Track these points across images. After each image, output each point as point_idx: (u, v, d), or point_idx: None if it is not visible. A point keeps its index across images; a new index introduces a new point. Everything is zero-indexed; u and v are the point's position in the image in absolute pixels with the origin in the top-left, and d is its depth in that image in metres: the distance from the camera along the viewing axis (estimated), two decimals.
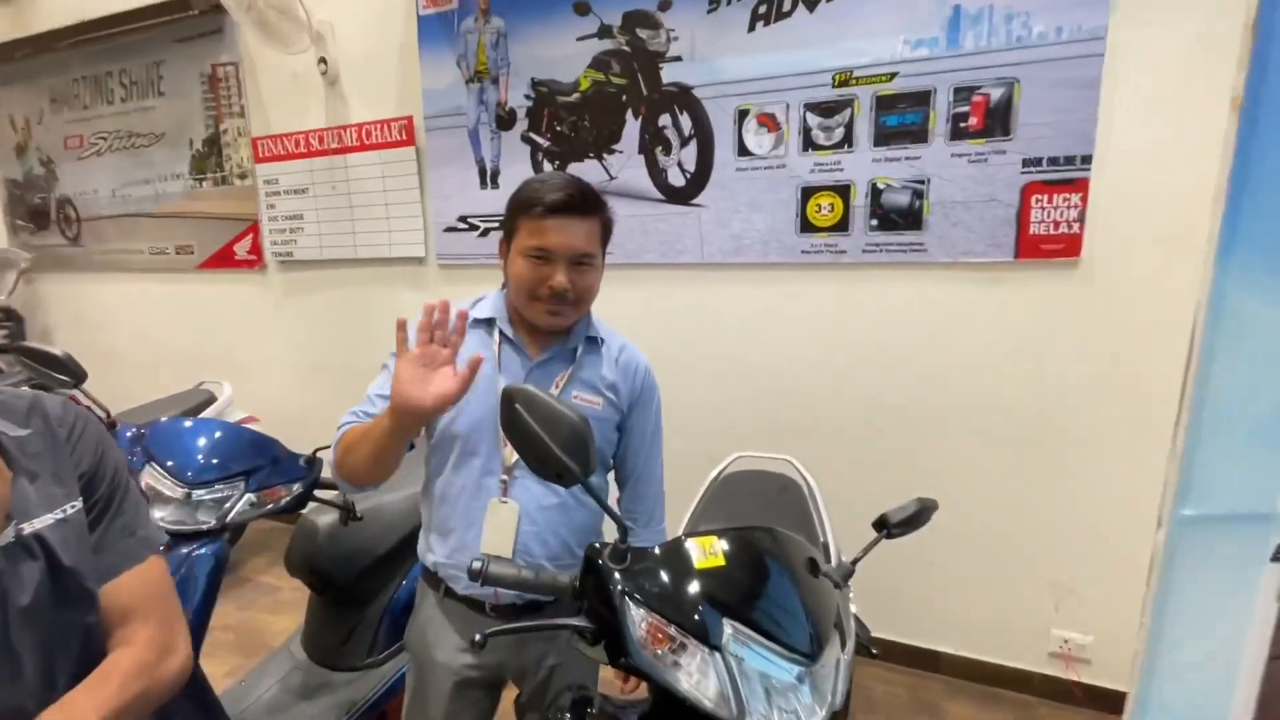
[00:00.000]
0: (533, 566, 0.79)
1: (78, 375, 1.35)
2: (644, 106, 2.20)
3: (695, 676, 0.69)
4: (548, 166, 2.38)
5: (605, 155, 2.29)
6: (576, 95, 2.29)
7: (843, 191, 2.00)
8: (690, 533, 0.77)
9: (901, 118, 1.91)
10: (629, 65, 2.20)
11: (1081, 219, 1.78)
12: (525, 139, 2.40)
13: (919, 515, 0.98)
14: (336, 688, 1.71)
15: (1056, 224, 1.80)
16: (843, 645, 0.79)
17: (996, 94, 1.80)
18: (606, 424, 1.14)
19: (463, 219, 2.56)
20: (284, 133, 2.87)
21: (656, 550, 0.76)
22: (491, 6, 2.36)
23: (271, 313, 3.15)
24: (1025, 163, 1.80)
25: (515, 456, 1.04)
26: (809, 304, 2.12)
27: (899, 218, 1.95)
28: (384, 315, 2.54)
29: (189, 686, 1.25)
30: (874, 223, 1.98)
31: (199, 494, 1.28)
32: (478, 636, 0.71)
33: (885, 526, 0.98)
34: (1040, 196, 1.80)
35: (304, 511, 1.79)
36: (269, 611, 2.57)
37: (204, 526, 1.29)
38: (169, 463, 1.30)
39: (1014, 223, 1.84)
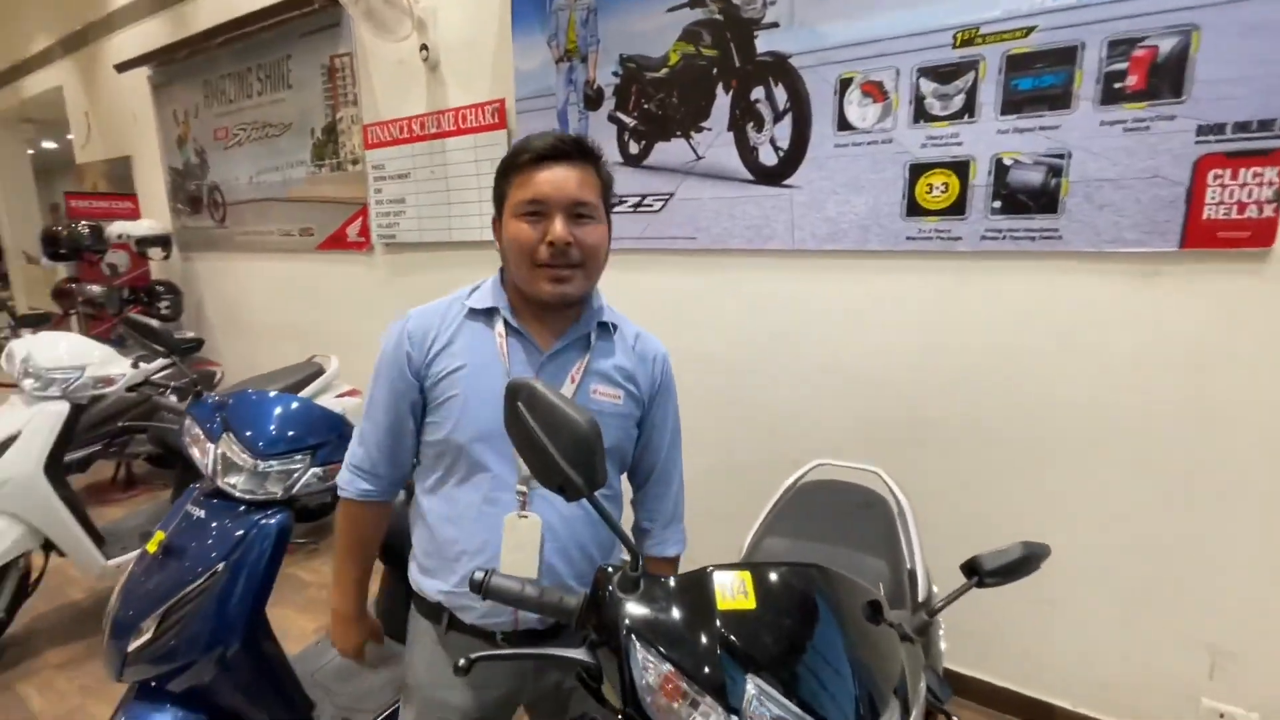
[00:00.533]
0: (537, 585, 0.70)
1: (172, 346, 1.45)
2: (735, 79, 2.04)
3: None
4: (634, 146, 2.29)
5: (693, 134, 2.16)
6: (665, 70, 2.17)
7: (960, 169, 1.74)
8: (719, 564, 0.65)
9: (1038, 80, 1.62)
10: (721, 35, 2.04)
11: (1277, 199, 1.42)
12: (612, 118, 2.32)
13: (1022, 564, 0.79)
14: (402, 661, 1.76)
15: (1241, 206, 1.45)
16: (905, 716, 0.64)
17: (1166, 46, 1.47)
18: (628, 420, 1.03)
19: None
20: (390, 119, 2.99)
21: (673, 582, 0.65)
22: None
23: (376, 292, 3.32)
24: (1201, 130, 1.46)
25: None
26: (913, 297, 1.88)
27: (1029, 199, 1.67)
28: None
29: (255, 643, 1.32)
30: (996, 205, 1.71)
31: (267, 465, 1.33)
32: (462, 661, 0.64)
33: (977, 573, 0.79)
34: (1220, 172, 1.46)
35: None
36: None
37: (273, 496, 1.34)
38: (246, 433, 1.36)
39: (1182, 205, 1.50)
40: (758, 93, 2.01)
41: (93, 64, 4.80)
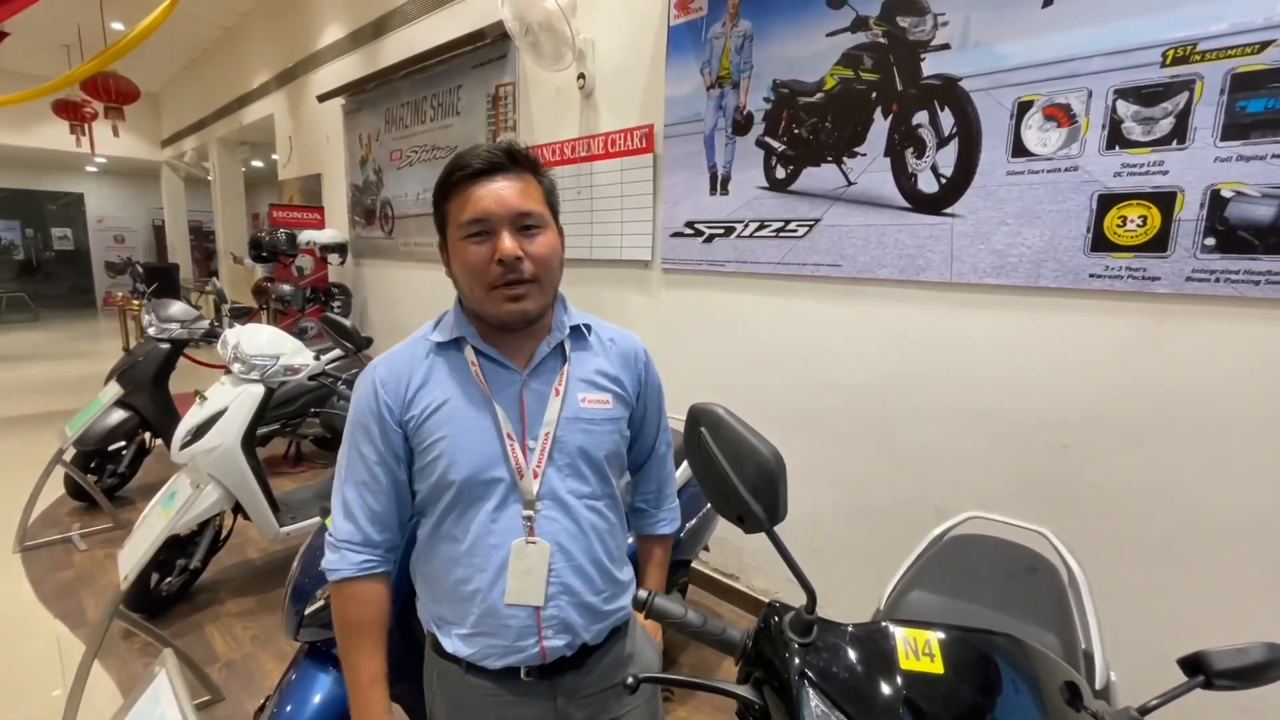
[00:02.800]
0: (700, 613, 0.69)
1: (358, 343, 1.62)
2: (896, 103, 1.96)
3: None
4: (781, 171, 2.27)
5: (845, 159, 2.10)
6: (820, 95, 2.14)
7: (1163, 200, 1.55)
8: (895, 618, 0.61)
9: (1272, 101, 1.41)
10: (883, 59, 1.98)
11: None
12: (759, 143, 2.31)
13: (1264, 669, 0.67)
14: None
15: None
16: None
17: None
18: (620, 422, 0.99)
19: (690, 224, 2.57)
20: (545, 143, 3.19)
21: (852, 628, 0.61)
22: (741, 9, 2.32)
23: None
24: None
25: (537, 483, 0.90)
26: (1095, 341, 1.69)
27: (1254, 237, 1.44)
28: (612, 314, 2.68)
29: (406, 621, 1.41)
30: (1210, 242, 1.49)
31: None
32: (630, 679, 0.65)
33: (1204, 672, 0.68)
34: None
35: None
36: None
37: None
38: None
39: None
40: (920, 117, 1.92)
41: (299, 95, 5.57)
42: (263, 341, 2.56)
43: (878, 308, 2.08)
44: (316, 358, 2.64)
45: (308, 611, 1.37)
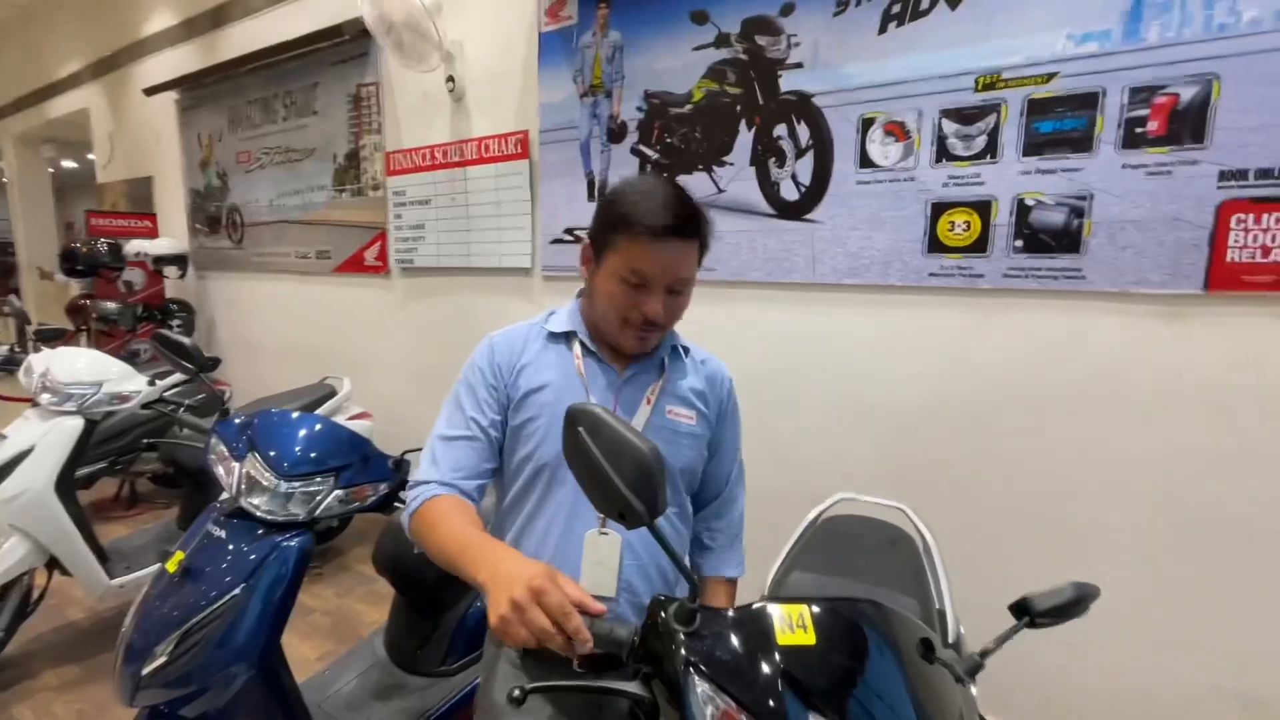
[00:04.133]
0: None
1: (199, 363, 1.45)
2: (758, 116, 2.09)
3: None
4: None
5: (715, 167, 2.19)
6: (689, 106, 2.22)
7: (981, 208, 1.77)
8: (775, 596, 0.64)
9: (1059, 124, 1.65)
10: (745, 74, 2.10)
11: None
12: (635, 151, 2.36)
13: (1074, 604, 0.78)
14: (410, 692, 1.71)
15: (1265, 250, 1.47)
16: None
17: (1188, 94, 1.50)
18: (701, 440, 1.05)
19: (569, 231, 2.56)
20: (413, 147, 3.04)
21: (732, 613, 0.64)
22: (610, 20, 2.36)
23: (391, 316, 3.34)
24: (1224, 175, 1.49)
25: None
26: (935, 333, 1.88)
27: (1051, 239, 1.69)
28: (492, 323, 2.59)
29: (271, 669, 1.28)
30: (1019, 244, 1.73)
31: (292, 486, 1.32)
32: (516, 691, 0.63)
33: (1028, 614, 0.78)
34: (1243, 217, 1.48)
35: (391, 515, 1.83)
36: (364, 601, 2.68)
37: (295, 518, 1.32)
38: (270, 453, 1.35)
39: (1205, 248, 1.52)
40: (780, 130, 2.06)
41: (120, 87, 4.91)
42: (80, 367, 2.22)
43: (750, 309, 2.20)
44: (151, 383, 2.33)
45: (145, 672, 1.20)
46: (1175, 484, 1.62)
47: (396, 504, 1.53)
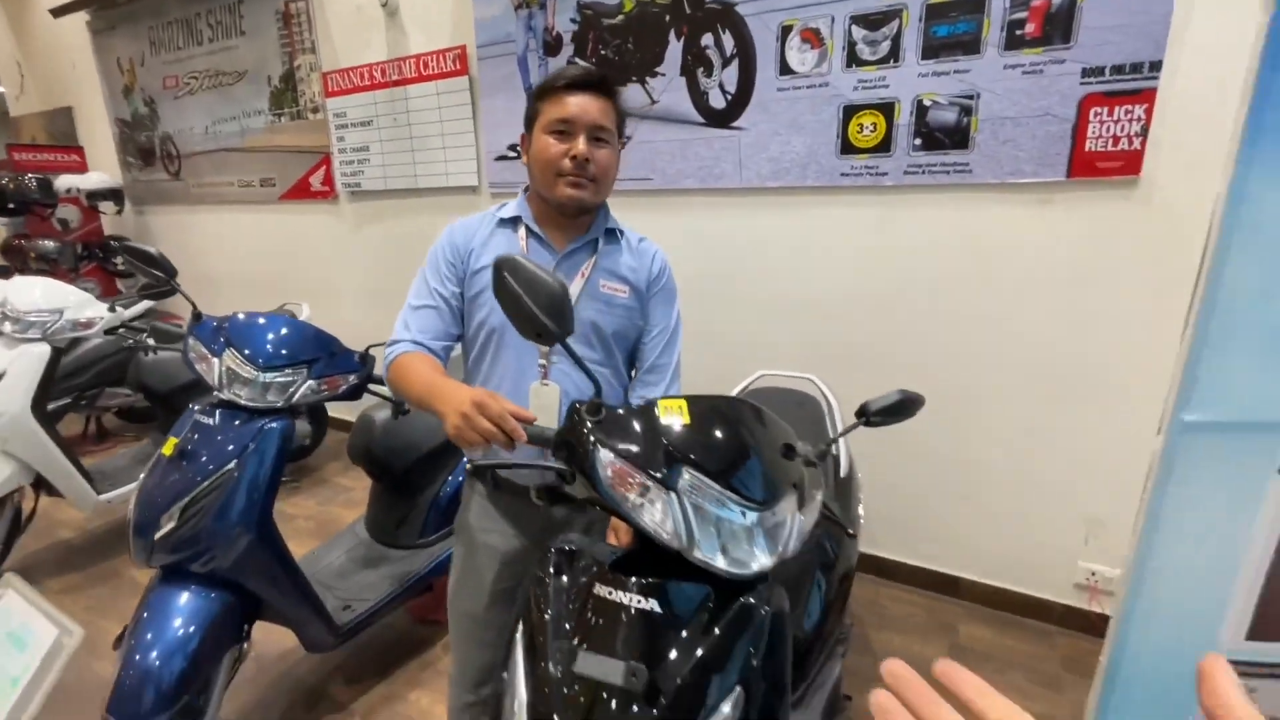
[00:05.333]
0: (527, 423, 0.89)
1: (169, 271, 1.56)
2: (686, 26, 2.18)
3: (656, 515, 0.79)
4: None
5: (648, 79, 2.29)
6: (621, 17, 2.29)
7: (886, 110, 1.94)
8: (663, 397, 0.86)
9: (953, 27, 1.81)
10: None
11: (1144, 133, 1.66)
12: (571, 64, 2.43)
13: (901, 406, 1.02)
14: (392, 562, 1.95)
15: (1116, 139, 1.69)
16: (800, 506, 0.86)
17: None
18: (632, 310, 1.20)
19: (513, 147, 2.64)
20: (350, 67, 3.02)
21: (630, 408, 0.85)
22: None
23: (344, 241, 3.39)
24: (1085, 72, 1.69)
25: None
26: (847, 229, 2.09)
27: (945, 136, 1.88)
28: None
29: (268, 534, 1.48)
30: (918, 143, 1.92)
31: (269, 377, 1.48)
32: (467, 463, 0.84)
33: (865, 415, 1.02)
34: (1100, 110, 1.69)
35: (364, 409, 2.00)
36: (343, 507, 2.89)
37: (275, 405, 1.49)
38: (245, 350, 1.49)
39: (1069, 139, 1.74)
40: (707, 39, 2.16)
41: (22, 10, 4.57)
42: (38, 295, 2.27)
43: (686, 216, 2.36)
44: (111, 309, 2.40)
45: (157, 537, 1.38)
46: (1042, 349, 1.90)
47: (367, 392, 1.70)
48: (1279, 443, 1.04)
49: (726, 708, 0.74)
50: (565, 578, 0.85)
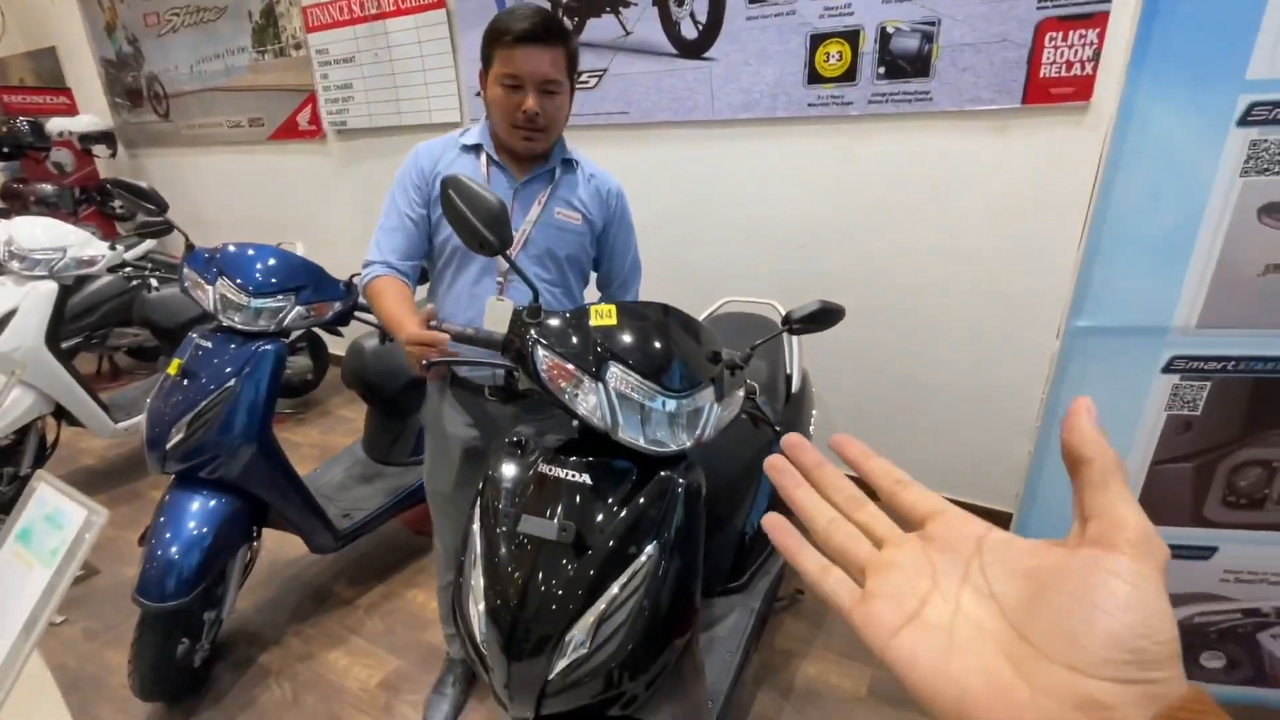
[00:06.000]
0: (478, 329, 1.02)
1: (160, 205, 1.66)
2: None
3: (587, 402, 0.91)
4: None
5: (621, 9, 2.30)
6: None
7: (851, 38, 1.96)
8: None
9: None
10: None
11: (1096, 58, 1.70)
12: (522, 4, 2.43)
13: (819, 314, 1.13)
14: (387, 477, 2.13)
15: (1069, 65, 1.73)
16: (719, 399, 0.99)
17: None
18: (584, 237, 1.31)
19: None
20: (328, 0, 3.00)
21: (565, 314, 0.96)
22: None
23: (333, 179, 3.45)
24: None
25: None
26: (813, 161, 2.15)
27: (907, 64, 1.91)
28: None
29: (269, 447, 1.63)
30: (881, 71, 1.95)
31: (260, 303, 1.60)
32: (425, 361, 0.97)
33: (789, 323, 1.13)
34: (1055, 35, 1.72)
35: (356, 337, 2.13)
36: (344, 435, 3.07)
37: (267, 329, 1.62)
38: (236, 279, 1.61)
39: (1024, 65, 1.77)
40: None
41: None
42: (39, 234, 2.37)
43: (661, 149, 2.41)
44: (113, 248, 2.51)
45: (169, 447, 1.54)
46: (996, 272, 1.99)
47: (355, 319, 1.82)
48: (1162, 345, 1.16)
49: (643, 559, 0.89)
50: (514, 463, 0.99)
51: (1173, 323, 1.13)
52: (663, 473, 0.94)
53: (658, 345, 0.95)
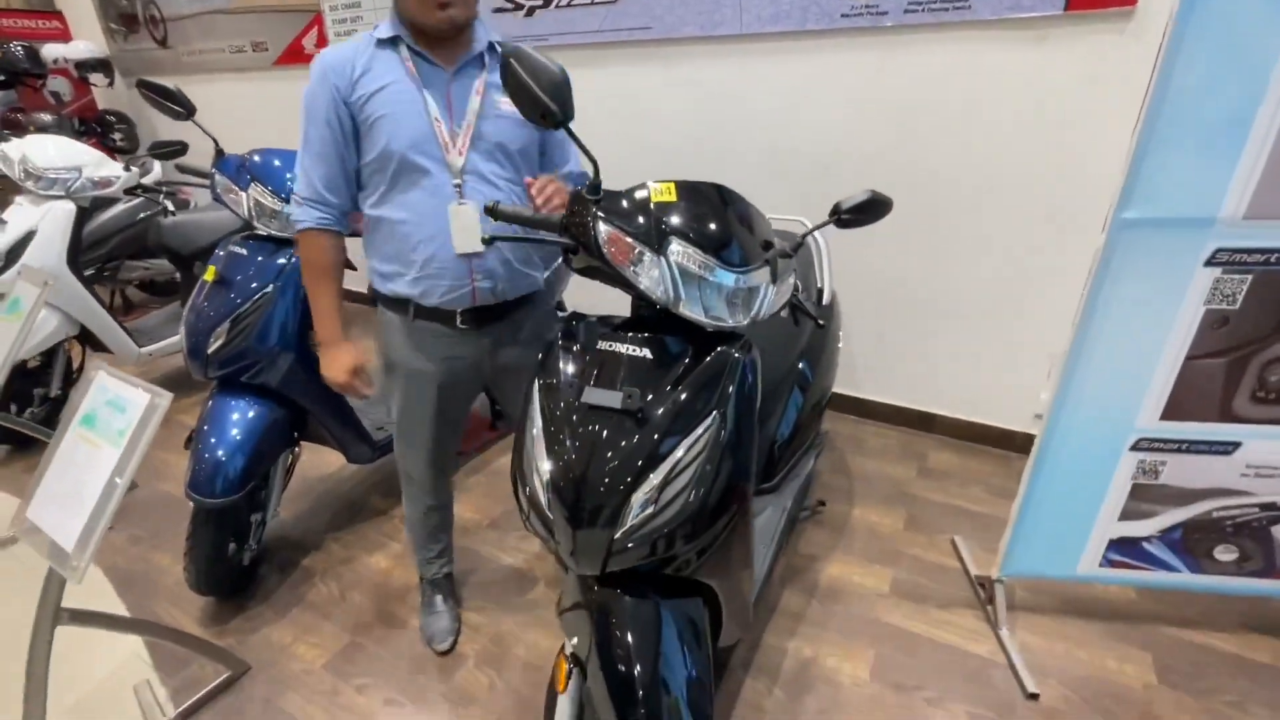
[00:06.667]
0: (532, 210, 1.02)
1: (187, 107, 1.63)
2: None
3: (649, 276, 0.93)
4: None
5: None
6: None
7: None
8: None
9: None
10: None
11: None
12: None
13: (869, 205, 1.13)
14: None
15: None
16: (774, 281, 1.01)
17: None
18: (528, 126, 1.19)
19: None
20: None
21: (625, 190, 0.96)
22: None
23: None
24: None
25: (462, 160, 1.15)
26: (844, 77, 2.10)
27: None
28: None
29: (306, 355, 1.65)
30: None
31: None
32: (486, 234, 0.98)
33: (837, 213, 1.14)
34: None
35: None
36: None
37: None
38: (269, 185, 1.60)
39: None
40: None
41: None
42: (53, 153, 2.34)
43: (684, 67, 2.35)
44: (127, 169, 2.47)
45: (210, 351, 1.56)
46: (1027, 191, 1.97)
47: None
48: (1207, 236, 1.17)
49: (705, 426, 0.92)
50: (574, 341, 1.01)
51: (1220, 213, 1.13)
52: (721, 348, 0.96)
53: (716, 222, 0.96)
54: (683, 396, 0.92)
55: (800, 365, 1.66)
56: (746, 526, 1.01)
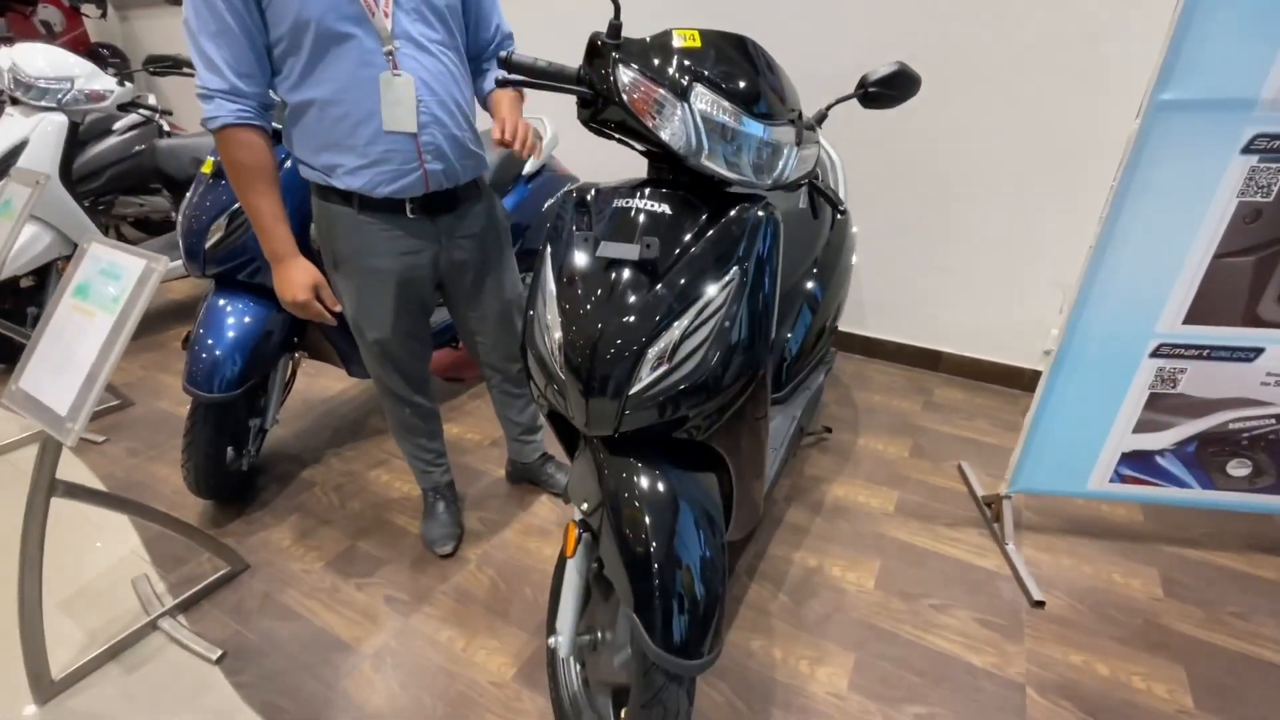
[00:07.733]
0: (548, 62, 0.96)
1: None
2: None
3: (671, 125, 0.88)
4: None
5: None
6: None
7: None
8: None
9: None
10: None
11: None
12: None
13: (897, 78, 1.07)
14: None
15: None
16: (798, 143, 0.97)
17: None
18: None
19: None
20: None
21: (648, 36, 0.92)
22: None
23: None
24: None
25: (389, 23, 1.04)
26: None
27: None
28: None
29: (306, 252, 1.61)
30: None
31: None
32: (500, 77, 0.94)
33: (864, 86, 1.09)
34: None
35: None
36: None
37: None
38: None
39: None
40: None
41: None
42: (42, 63, 2.26)
43: None
44: (120, 84, 2.40)
45: (207, 246, 1.52)
46: (1049, 117, 1.92)
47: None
48: (1246, 120, 1.13)
49: (726, 279, 0.88)
50: (588, 199, 0.97)
51: (1261, 95, 1.09)
52: (742, 205, 0.92)
53: (743, 72, 0.91)
54: (703, 250, 0.88)
55: (815, 270, 1.62)
56: (763, 392, 0.98)
